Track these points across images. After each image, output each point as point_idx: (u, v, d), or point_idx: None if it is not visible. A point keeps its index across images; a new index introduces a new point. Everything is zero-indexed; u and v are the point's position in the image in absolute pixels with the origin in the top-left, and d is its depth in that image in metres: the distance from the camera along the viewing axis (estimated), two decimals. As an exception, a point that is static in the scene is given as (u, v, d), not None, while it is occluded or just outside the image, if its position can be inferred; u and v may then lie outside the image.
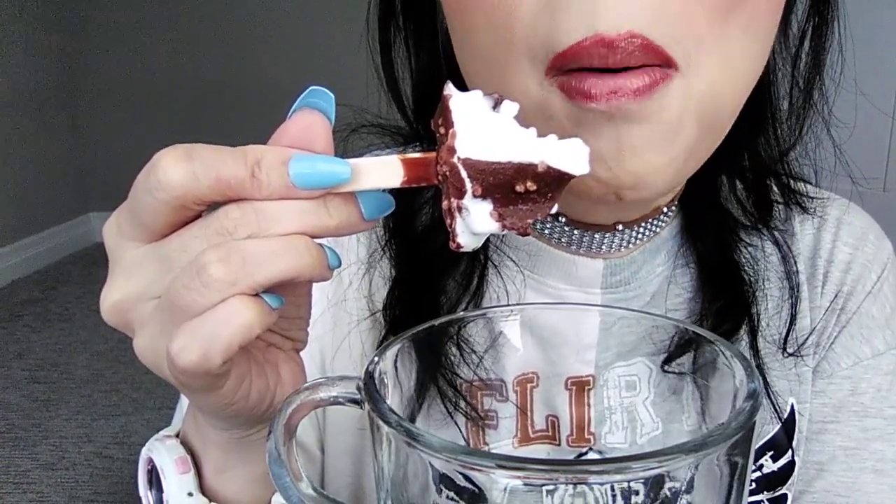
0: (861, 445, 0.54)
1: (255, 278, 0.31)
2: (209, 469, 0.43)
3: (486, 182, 0.32)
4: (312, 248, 0.32)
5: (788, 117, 0.54)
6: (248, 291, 0.31)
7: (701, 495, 0.30)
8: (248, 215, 0.32)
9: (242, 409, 0.37)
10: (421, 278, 0.53)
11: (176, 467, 0.42)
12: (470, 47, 0.44)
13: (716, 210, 0.56)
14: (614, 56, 0.38)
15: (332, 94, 0.33)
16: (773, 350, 0.54)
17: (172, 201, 0.31)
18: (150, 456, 0.43)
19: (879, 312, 0.56)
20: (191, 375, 0.32)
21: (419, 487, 0.31)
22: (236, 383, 0.35)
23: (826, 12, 0.51)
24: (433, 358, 0.47)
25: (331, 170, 0.32)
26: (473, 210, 0.33)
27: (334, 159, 0.32)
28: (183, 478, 0.42)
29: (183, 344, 0.31)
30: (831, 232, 0.57)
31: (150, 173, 0.31)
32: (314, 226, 0.32)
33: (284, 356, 0.39)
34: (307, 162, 0.32)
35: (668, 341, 0.40)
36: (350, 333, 0.54)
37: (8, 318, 3.05)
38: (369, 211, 0.34)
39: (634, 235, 0.52)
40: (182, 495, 0.42)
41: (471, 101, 0.32)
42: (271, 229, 0.32)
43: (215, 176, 0.31)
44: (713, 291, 0.54)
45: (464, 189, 0.32)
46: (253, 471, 0.42)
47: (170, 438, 0.44)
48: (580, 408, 0.48)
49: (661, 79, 0.39)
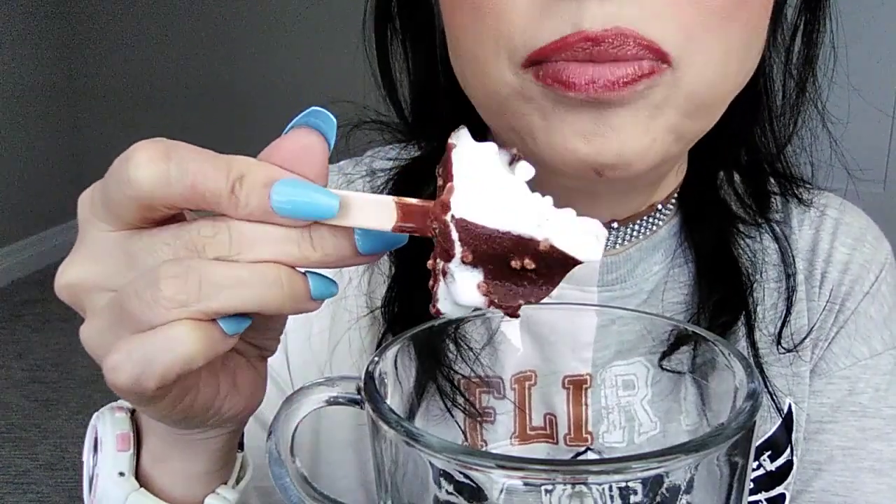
0: (859, 445, 0.54)
1: (209, 304, 0.29)
2: (147, 454, 0.40)
3: (479, 249, 0.29)
4: (286, 280, 0.30)
5: (783, 112, 0.54)
6: (200, 317, 0.29)
7: (701, 495, 0.30)
8: (220, 235, 0.29)
9: (179, 419, 0.35)
10: (420, 274, 0.53)
11: (115, 442, 0.40)
12: (459, 48, 0.44)
13: (714, 204, 0.56)
14: (598, 48, 0.38)
15: (335, 119, 0.31)
16: (771, 347, 0.54)
17: (140, 200, 0.29)
18: (96, 424, 0.41)
19: (877, 313, 0.56)
20: (123, 393, 0.31)
21: (419, 486, 0.31)
22: (177, 398, 0.33)
23: (816, 9, 0.51)
24: (431, 356, 0.47)
25: (316, 202, 0.29)
26: (459, 278, 0.30)
27: (323, 191, 0.30)
28: (119, 455, 0.39)
29: (117, 362, 0.29)
30: (829, 232, 0.58)
31: (123, 165, 0.29)
32: (294, 256, 0.30)
33: (245, 364, 0.37)
34: (292, 189, 0.29)
35: (666, 341, 0.40)
36: (349, 330, 0.54)
37: (8, 318, 3.05)
38: (368, 245, 0.31)
39: (630, 232, 0.53)
40: (113, 473, 0.39)
41: (480, 154, 0.30)
42: (243, 254, 0.29)
43: (190, 184, 0.29)
44: (711, 285, 0.54)
45: (452, 252, 0.29)
46: (190, 467, 0.40)
47: (121, 411, 0.41)
48: (577, 407, 0.48)
49: (649, 72, 0.39)
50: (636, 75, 0.39)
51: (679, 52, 0.39)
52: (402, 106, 0.57)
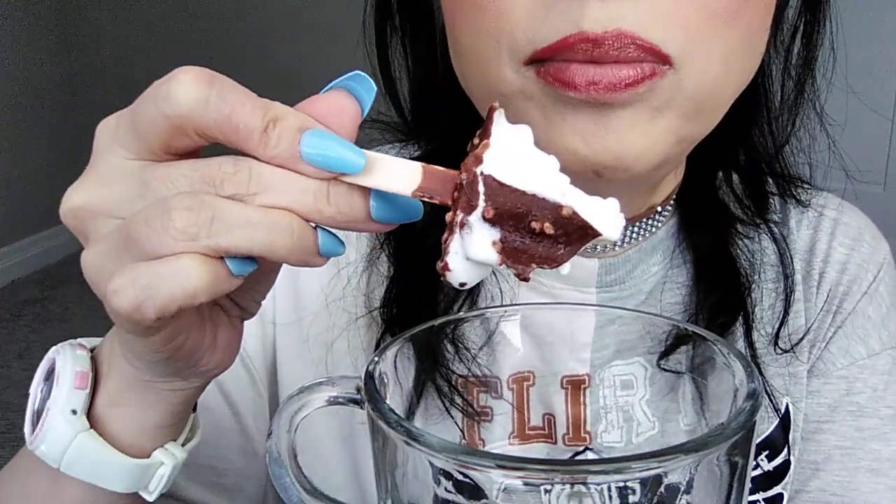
0: (857, 445, 0.54)
1: (218, 241, 0.29)
2: (103, 396, 0.39)
3: (502, 207, 0.29)
4: (297, 229, 0.30)
5: (781, 112, 0.55)
6: (207, 253, 0.29)
7: (701, 495, 0.30)
8: (240, 173, 0.29)
9: (165, 361, 0.35)
10: (418, 275, 0.53)
11: (73, 379, 0.38)
12: (459, 46, 0.44)
13: (712, 205, 0.56)
14: (599, 50, 0.38)
15: (375, 87, 0.31)
16: (768, 347, 0.55)
17: (174, 119, 0.29)
18: (54, 357, 0.40)
19: (875, 312, 0.56)
20: (121, 319, 0.30)
21: (419, 485, 0.31)
22: (170, 335, 0.33)
23: (816, 10, 0.51)
24: (430, 356, 0.47)
25: (344, 155, 0.29)
26: (476, 232, 0.30)
27: (352, 146, 0.30)
28: (75, 392, 0.38)
29: (120, 286, 0.29)
30: (828, 231, 0.58)
31: (164, 82, 0.29)
32: (308, 208, 0.30)
33: (227, 322, 0.37)
34: (322, 140, 0.29)
35: (664, 340, 0.40)
36: (347, 331, 0.54)
37: (8, 318, 3.05)
38: (381, 212, 0.31)
39: (629, 234, 0.53)
40: (66, 409, 0.37)
41: (517, 130, 0.30)
42: (259, 196, 0.29)
43: (228, 113, 0.29)
44: (709, 285, 0.54)
45: (475, 204, 0.29)
46: (145, 417, 0.39)
47: (82, 349, 0.40)
48: (576, 406, 0.48)
49: (650, 74, 0.39)
50: (638, 77, 0.39)
51: (681, 54, 0.39)
52: (402, 105, 0.57)
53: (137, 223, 0.29)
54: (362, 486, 0.54)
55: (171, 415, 0.39)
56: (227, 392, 0.54)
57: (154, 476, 0.39)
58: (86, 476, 0.38)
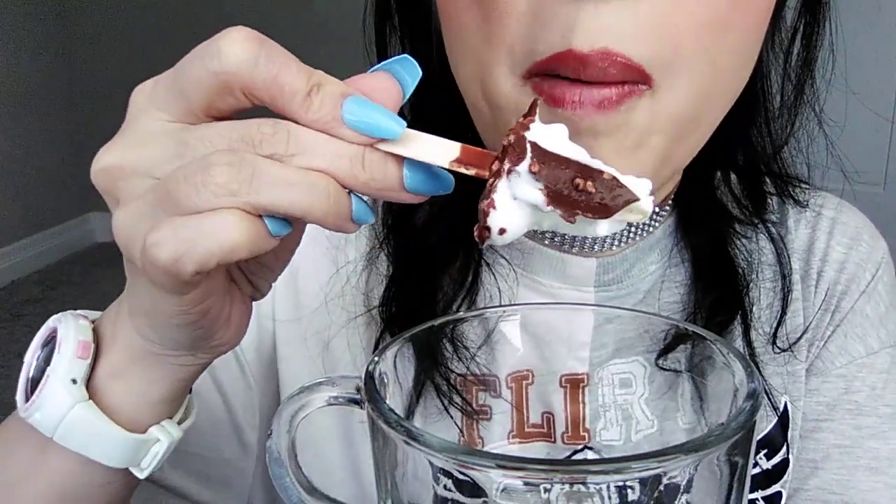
0: (855, 444, 0.54)
1: (258, 198, 0.29)
2: (104, 367, 0.38)
3: (547, 166, 0.30)
4: (333, 192, 0.30)
5: (780, 113, 0.55)
6: (247, 209, 0.29)
7: (701, 495, 0.30)
8: (279, 134, 0.30)
9: (187, 328, 0.34)
10: (417, 274, 0.53)
11: (76, 348, 0.38)
12: (459, 48, 0.44)
13: (710, 204, 0.56)
14: (586, 70, 0.38)
15: (420, 72, 0.32)
16: (767, 345, 0.55)
17: (221, 76, 0.30)
18: (56, 326, 0.39)
19: (874, 311, 0.57)
20: (159, 272, 0.30)
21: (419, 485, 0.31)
22: (201, 296, 0.33)
23: (817, 12, 0.51)
24: (430, 355, 0.47)
25: (384, 120, 0.30)
26: (524, 178, 0.30)
27: (391, 114, 0.30)
28: (76, 362, 0.37)
29: (160, 238, 0.29)
30: (826, 231, 0.58)
31: (213, 41, 0.30)
32: (343, 172, 0.30)
33: (240, 299, 0.37)
34: (364, 106, 0.30)
35: (663, 339, 0.40)
36: (346, 329, 0.54)
37: (8, 318, 3.05)
38: (415, 182, 0.31)
39: (626, 233, 0.53)
40: (66, 378, 0.37)
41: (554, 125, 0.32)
42: (296, 157, 0.30)
43: (275, 74, 0.29)
44: (707, 285, 0.54)
45: (522, 157, 0.30)
46: (147, 391, 0.38)
47: (84, 319, 0.39)
48: (575, 405, 0.48)
49: (628, 93, 0.39)
50: (619, 95, 0.39)
51: (663, 74, 0.40)
52: None
53: (176, 180, 0.29)
54: (363, 485, 0.54)
55: (173, 390, 0.39)
56: (219, 381, 0.54)
57: (148, 453, 0.39)
58: (79, 448, 0.37)
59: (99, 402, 0.38)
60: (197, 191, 0.29)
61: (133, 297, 0.36)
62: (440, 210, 0.54)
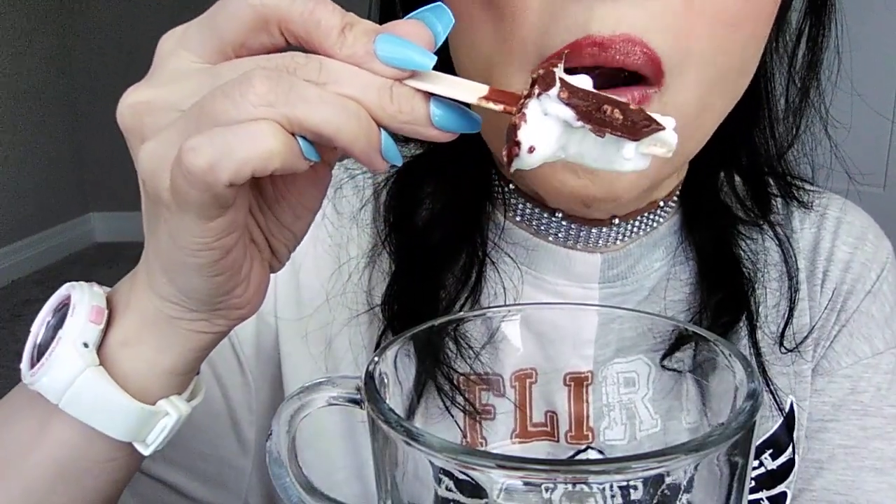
0: (861, 444, 0.54)
1: (295, 111, 0.29)
2: (116, 335, 0.38)
3: (575, 95, 0.30)
4: (364, 118, 0.30)
5: (786, 116, 0.55)
6: (284, 123, 0.30)
7: (701, 495, 0.30)
8: (311, 63, 0.30)
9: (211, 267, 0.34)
10: (420, 272, 0.53)
11: (90, 312, 0.37)
12: (467, 46, 0.44)
13: (715, 205, 0.56)
14: (606, 54, 0.38)
15: (453, 19, 0.32)
16: (773, 346, 0.55)
17: (260, 9, 0.31)
18: (69, 293, 0.38)
19: (879, 312, 0.57)
20: (192, 182, 0.30)
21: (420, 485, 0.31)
22: (225, 227, 0.32)
23: (822, 14, 0.51)
24: (431, 355, 0.47)
25: (415, 54, 0.30)
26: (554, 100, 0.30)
27: (422, 49, 0.31)
28: (89, 325, 0.37)
29: (197, 144, 0.29)
30: (831, 231, 0.58)
31: None
32: (373, 102, 0.30)
33: (259, 261, 0.37)
34: (394, 42, 0.31)
35: (667, 339, 0.40)
36: (348, 327, 0.54)
37: (8, 318, 3.05)
38: (442, 119, 0.31)
39: (631, 229, 0.53)
40: (78, 341, 0.36)
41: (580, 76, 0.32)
42: (329, 86, 0.30)
43: (311, 9, 0.30)
44: (712, 284, 0.54)
45: (552, 85, 0.30)
46: (159, 360, 0.38)
47: (98, 287, 0.39)
48: (578, 404, 0.48)
49: (640, 99, 0.40)
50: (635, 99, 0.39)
51: (675, 71, 0.40)
52: None
53: (213, 96, 0.30)
54: (366, 484, 0.54)
55: (184, 361, 0.38)
56: (218, 375, 0.54)
57: (155, 427, 0.38)
58: (84, 416, 0.37)
59: (109, 370, 0.37)
60: (235, 103, 0.29)
61: (152, 243, 0.35)
62: (443, 208, 0.54)
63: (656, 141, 0.31)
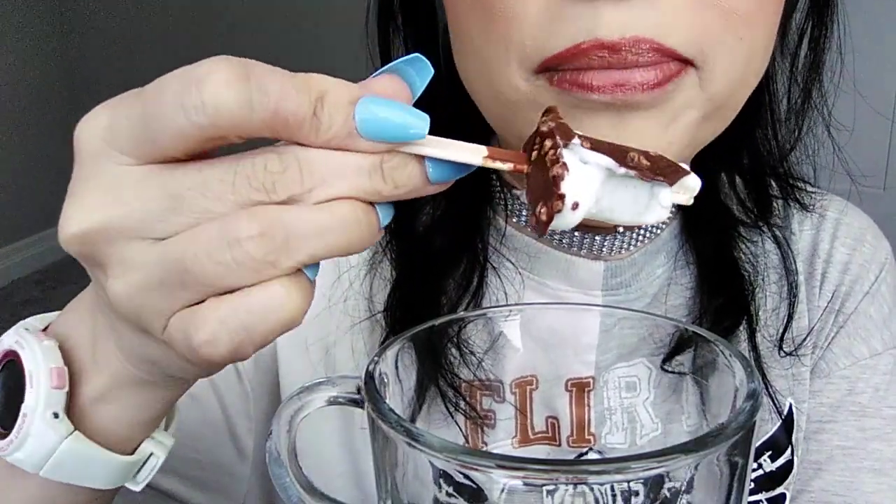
0: (859, 445, 0.54)
1: (298, 258, 0.26)
2: (87, 392, 0.34)
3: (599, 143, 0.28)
4: (363, 218, 0.27)
5: (788, 117, 0.54)
6: (291, 272, 0.27)
7: (701, 495, 0.30)
8: (290, 170, 0.26)
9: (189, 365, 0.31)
10: (421, 279, 0.53)
11: (50, 378, 0.33)
12: (466, 48, 0.44)
13: (715, 207, 0.56)
14: (616, 56, 0.38)
15: (432, 70, 0.28)
16: (772, 349, 0.55)
17: (211, 129, 0.25)
18: (14, 350, 0.34)
19: (877, 313, 0.56)
20: (201, 364, 0.28)
21: (420, 486, 0.31)
22: None
23: (825, 15, 0.51)
24: (433, 359, 0.47)
25: (405, 119, 0.26)
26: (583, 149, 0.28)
27: (412, 109, 0.27)
28: (53, 393, 0.33)
29: (214, 335, 0.26)
30: (829, 232, 0.58)
31: (193, 88, 0.25)
32: (365, 191, 0.27)
33: None
34: (379, 104, 0.26)
35: (667, 342, 0.40)
36: (350, 334, 0.54)
37: (8, 318, 3.04)
38: (439, 172, 0.28)
39: (635, 237, 0.52)
40: (47, 414, 0.33)
41: None
42: (316, 193, 0.26)
43: (273, 109, 0.25)
44: (712, 288, 0.54)
45: (571, 135, 0.28)
46: (136, 414, 0.35)
47: (46, 338, 0.35)
48: (580, 409, 0.48)
49: (677, 71, 0.39)
50: (663, 79, 0.39)
51: (701, 56, 0.40)
52: None
53: (199, 259, 0.26)
54: (363, 490, 0.54)
55: (163, 408, 0.37)
56: (216, 385, 0.53)
57: (144, 468, 0.37)
58: (69, 478, 0.35)
59: (85, 426, 0.35)
60: (231, 271, 0.26)
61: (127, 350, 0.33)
62: (443, 214, 0.53)
63: (681, 188, 0.30)
